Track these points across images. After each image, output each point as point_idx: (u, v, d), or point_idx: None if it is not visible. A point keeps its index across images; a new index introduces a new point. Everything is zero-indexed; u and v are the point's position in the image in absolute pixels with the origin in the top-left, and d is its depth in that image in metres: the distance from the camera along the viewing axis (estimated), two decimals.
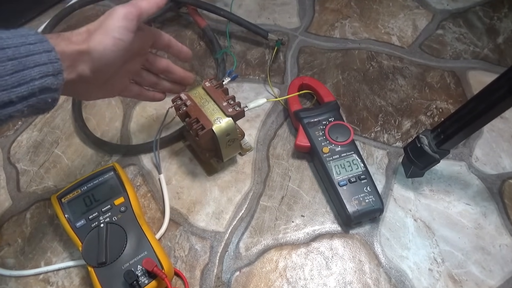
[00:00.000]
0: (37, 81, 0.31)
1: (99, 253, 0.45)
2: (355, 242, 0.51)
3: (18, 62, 0.30)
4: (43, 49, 0.32)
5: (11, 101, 0.30)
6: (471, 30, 0.74)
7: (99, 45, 0.36)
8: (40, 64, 0.31)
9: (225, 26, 0.72)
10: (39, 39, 0.32)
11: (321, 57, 0.70)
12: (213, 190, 0.56)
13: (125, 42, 0.38)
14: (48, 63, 0.32)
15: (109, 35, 0.37)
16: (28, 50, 0.31)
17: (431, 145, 0.49)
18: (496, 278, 0.48)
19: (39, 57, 0.31)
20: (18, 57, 0.30)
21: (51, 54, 0.32)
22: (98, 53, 0.36)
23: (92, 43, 0.36)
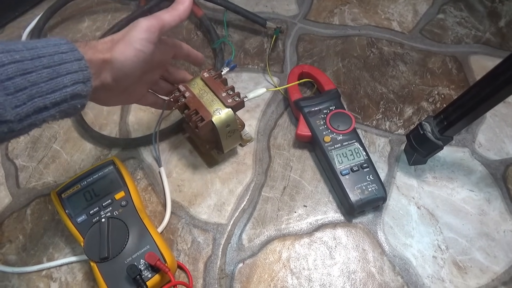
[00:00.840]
0: (69, 88, 0.32)
1: (101, 248, 0.44)
2: (358, 231, 0.51)
3: (53, 70, 0.32)
4: (74, 57, 0.33)
5: (45, 107, 0.31)
6: (473, 14, 0.73)
7: (121, 55, 0.38)
8: (71, 72, 0.33)
9: (222, 15, 0.71)
10: (70, 48, 0.33)
11: (320, 45, 0.69)
12: (214, 182, 0.55)
13: (146, 53, 0.40)
14: (78, 71, 0.33)
15: (131, 46, 0.39)
16: (61, 58, 0.32)
17: (434, 131, 0.49)
18: (500, 264, 0.48)
19: (70, 66, 0.33)
20: (53, 65, 0.32)
21: (81, 63, 0.34)
22: (120, 62, 0.38)
23: (115, 52, 0.38)
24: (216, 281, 0.48)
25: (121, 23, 0.67)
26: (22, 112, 0.30)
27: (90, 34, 0.73)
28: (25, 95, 0.30)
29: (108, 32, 0.66)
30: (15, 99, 0.29)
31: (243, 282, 0.48)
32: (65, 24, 0.74)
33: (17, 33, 0.73)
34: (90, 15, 0.76)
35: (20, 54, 0.30)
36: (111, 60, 0.38)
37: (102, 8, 0.76)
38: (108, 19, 0.75)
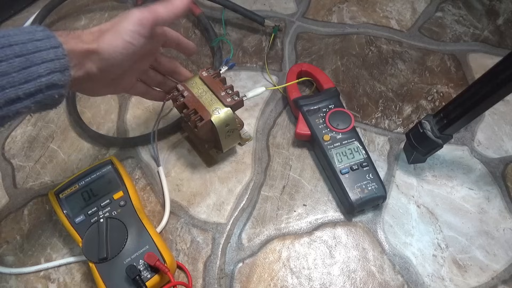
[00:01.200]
0: (44, 78, 0.31)
1: (100, 249, 0.44)
2: (358, 230, 0.51)
3: (26, 59, 0.30)
4: (50, 45, 0.32)
5: (18, 98, 0.30)
6: (471, 11, 0.73)
7: (109, 46, 0.37)
8: (47, 61, 0.31)
9: (220, 13, 0.71)
10: (46, 35, 0.32)
11: (319, 43, 0.69)
12: (213, 182, 0.55)
13: (136, 46, 0.38)
14: (55, 59, 0.31)
15: (120, 37, 0.37)
16: (35, 46, 0.31)
17: (434, 130, 0.49)
18: (500, 262, 0.48)
19: (46, 54, 0.31)
20: (26, 53, 0.30)
21: (58, 50, 0.32)
22: (107, 53, 0.37)
23: (102, 43, 0.36)
24: (215, 281, 0.48)
25: None
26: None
27: None
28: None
29: None
30: None
31: (243, 281, 0.48)
32: (61, 22, 0.74)
33: None
34: (87, 13, 0.75)
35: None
36: (98, 51, 0.36)
37: (98, 7, 0.76)
38: (105, 17, 0.74)
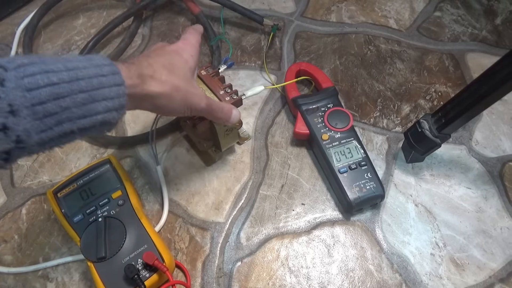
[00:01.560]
0: (100, 115, 0.31)
1: (98, 248, 0.44)
2: (357, 229, 0.51)
3: (88, 95, 0.29)
4: (114, 82, 0.31)
5: (72, 132, 0.30)
6: (469, 11, 0.73)
7: (168, 104, 0.37)
8: (107, 98, 0.31)
9: (219, 12, 0.70)
10: (112, 71, 0.31)
11: (317, 42, 0.69)
12: (212, 181, 0.55)
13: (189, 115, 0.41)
14: (115, 97, 0.31)
15: (182, 104, 0.38)
16: (100, 82, 0.30)
17: (432, 129, 0.49)
18: (498, 261, 0.48)
19: (108, 91, 0.31)
20: (90, 89, 0.30)
21: (120, 89, 0.31)
22: (164, 108, 0.38)
23: (162, 99, 0.36)
24: (214, 280, 0.48)
25: (116, 21, 0.67)
26: (46, 137, 0.28)
27: (85, 31, 0.72)
28: (54, 120, 0.28)
29: (103, 30, 0.66)
30: (42, 124, 0.27)
31: (242, 280, 0.48)
32: (59, 21, 0.73)
33: (10, 30, 0.72)
34: (85, 11, 0.75)
35: (58, 76, 0.28)
36: (154, 98, 0.36)
37: (97, 5, 0.76)
38: (103, 15, 0.74)
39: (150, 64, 0.36)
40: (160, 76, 0.36)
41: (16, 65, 0.27)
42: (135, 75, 0.34)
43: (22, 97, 0.26)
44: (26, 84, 0.26)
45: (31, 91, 0.26)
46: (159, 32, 0.71)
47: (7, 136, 0.26)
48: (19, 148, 0.27)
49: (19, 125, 0.26)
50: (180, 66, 0.39)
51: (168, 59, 0.38)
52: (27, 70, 0.27)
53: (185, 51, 0.41)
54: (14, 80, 0.26)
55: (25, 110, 0.26)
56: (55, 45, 0.70)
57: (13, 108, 0.25)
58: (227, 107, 0.45)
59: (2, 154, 0.26)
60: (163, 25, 0.72)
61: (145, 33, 0.72)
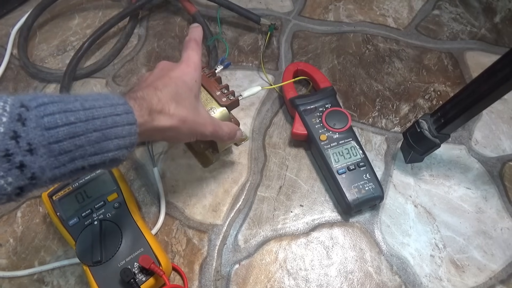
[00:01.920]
0: (111, 153, 0.31)
1: (94, 252, 0.43)
2: (356, 230, 0.51)
3: (102, 134, 0.30)
4: (127, 121, 0.32)
5: (83, 168, 0.30)
6: (468, 9, 0.72)
7: (176, 136, 0.39)
8: (119, 137, 0.32)
9: (216, 11, 0.70)
10: (125, 110, 0.32)
11: (315, 42, 0.68)
12: (209, 182, 0.55)
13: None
14: (126, 136, 0.32)
15: (188, 135, 0.41)
16: (114, 121, 0.31)
17: (431, 129, 0.48)
18: (498, 262, 0.48)
19: (121, 130, 0.32)
20: (104, 128, 0.30)
21: (132, 128, 0.32)
22: (172, 138, 0.41)
23: (170, 131, 0.38)
24: (212, 283, 0.47)
25: (112, 21, 0.66)
26: (59, 173, 0.29)
27: (80, 31, 0.71)
28: (68, 157, 0.29)
29: (99, 30, 0.65)
30: (57, 161, 0.28)
31: (239, 283, 0.47)
32: (54, 21, 0.73)
33: (5, 30, 0.71)
34: (81, 12, 0.74)
35: (75, 116, 0.29)
36: (164, 130, 0.37)
37: (92, 5, 0.75)
38: (99, 16, 0.73)
39: (160, 99, 0.36)
40: (168, 111, 0.37)
41: (37, 104, 0.28)
42: (146, 113, 0.35)
43: (41, 136, 0.27)
44: (45, 123, 0.27)
45: (50, 130, 0.28)
46: (155, 32, 0.71)
47: (23, 174, 0.26)
48: (32, 184, 0.27)
49: (35, 163, 0.27)
50: (186, 96, 0.40)
51: (175, 89, 0.39)
52: (47, 110, 0.28)
53: (189, 76, 0.41)
54: (34, 119, 0.27)
55: (42, 149, 0.27)
56: (51, 46, 0.70)
57: (32, 147, 0.26)
58: (231, 127, 0.46)
59: (16, 190, 0.27)
60: (159, 25, 0.72)
61: (141, 33, 0.71)
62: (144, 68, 0.66)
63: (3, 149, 0.25)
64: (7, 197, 0.27)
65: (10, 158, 0.25)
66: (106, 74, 0.66)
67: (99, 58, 0.66)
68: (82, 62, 0.65)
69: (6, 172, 0.25)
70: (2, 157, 0.25)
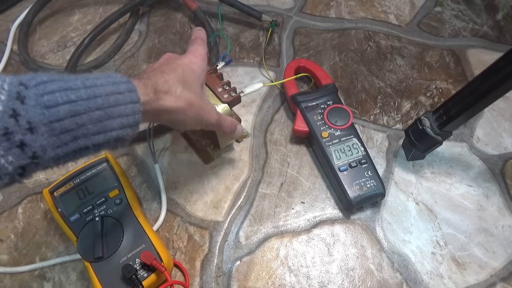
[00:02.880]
0: (115, 132, 0.31)
1: (95, 248, 0.43)
2: (357, 227, 0.51)
3: (104, 113, 0.30)
4: (130, 100, 0.31)
5: (86, 147, 0.30)
6: (470, 6, 0.72)
7: (183, 119, 0.38)
8: (123, 115, 0.31)
9: (217, 7, 0.69)
10: (129, 88, 0.32)
11: (317, 38, 0.68)
12: (210, 179, 0.55)
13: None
14: (130, 114, 0.31)
15: (194, 120, 0.39)
16: (116, 99, 0.30)
17: (433, 127, 0.48)
18: (499, 259, 0.48)
19: (124, 108, 0.31)
20: (106, 106, 0.30)
21: (135, 106, 0.32)
22: (178, 123, 0.38)
23: (177, 114, 0.37)
24: (213, 280, 0.47)
25: (113, 17, 0.66)
26: (61, 153, 0.28)
27: (81, 27, 0.71)
28: (70, 136, 0.28)
29: (99, 26, 0.65)
30: (58, 140, 0.28)
31: (241, 280, 0.47)
32: (55, 17, 0.72)
33: (5, 26, 0.71)
34: (81, 7, 0.74)
35: (76, 94, 0.28)
36: (170, 113, 0.36)
37: (93, 1, 0.75)
38: (99, 12, 0.73)
39: (166, 80, 0.36)
40: (175, 92, 0.36)
41: (37, 82, 0.27)
42: (151, 92, 0.34)
43: (41, 114, 0.26)
44: (45, 102, 0.27)
45: (50, 109, 0.27)
46: (156, 28, 0.70)
47: (24, 153, 0.26)
48: (34, 164, 0.27)
49: (36, 141, 0.26)
50: (193, 82, 0.39)
51: (182, 74, 0.38)
52: (47, 88, 0.27)
53: (196, 65, 0.41)
54: (34, 97, 0.26)
55: (43, 127, 0.27)
56: (51, 42, 0.69)
57: (32, 125, 0.26)
58: (233, 122, 0.46)
59: (18, 169, 0.26)
60: (160, 21, 0.71)
61: (142, 29, 0.71)
62: (145, 64, 0.66)
63: (2, 127, 0.25)
64: (10, 177, 0.26)
65: (9, 136, 0.25)
66: (106, 70, 0.65)
67: (99, 54, 0.66)
68: (82, 58, 0.65)
69: (6, 151, 0.25)
70: (1, 136, 0.25)
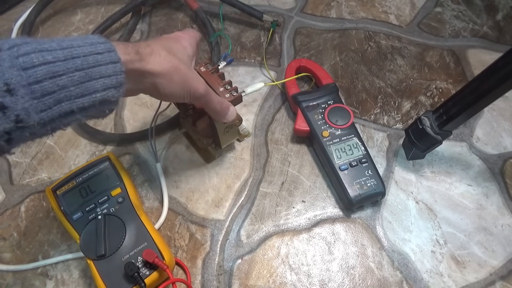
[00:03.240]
0: (99, 93, 0.30)
1: (98, 246, 0.44)
2: (357, 226, 0.51)
3: (85, 74, 0.29)
4: (110, 59, 0.31)
5: (72, 111, 0.30)
6: (470, 7, 0.72)
7: (168, 85, 0.37)
8: (104, 76, 0.30)
9: (218, 7, 0.70)
10: (107, 49, 0.31)
11: (317, 38, 0.69)
12: (212, 178, 0.55)
13: (185, 101, 0.41)
14: (112, 75, 0.31)
15: (179, 86, 0.38)
16: (96, 60, 0.30)
17: (433, 126, 0.49)
18: (498, 258, 0.48)
19: (105, 69, 0.30)
20: (86, 67, 0.30)
21: (116, 66, 0.31)
22: (163, 87, 0.37)
23: (162, 78, 0.36)
24: (214, 278, 0.48)
25: (114, 17, 0.66)
26: (47, 117, 0.28)
27: (83, 27, 0.71)
28: (52, 99, 0.28)
29: (101, 26, 0.65)
30: (41, 103, 0.27)
31: (242, 278, 0.48)
32: (57, 16, 0.73)
33: (7, 26, 0.71)
34: (83, 7, 0.74)
35: (53, 55, 0.28)
36: (154, 75, 0.35)
37: (95, 1, 0.75)
38: (101, 11, 0.73)
39: (148, 44, 0.36)
40: (159, 55, 0.36)
41: (10, 46, 0.27)
42: (132, 52, 0.33)
43: (18, 76, 0.26)
44: (21, 63, 0.26)
45: (27, 70, 0.27)
46: (158, 28, 0.71)
47: (6, 116, 0.26)
48: (20, 128, 0.27)
49: (17, 104, 0.26)
50: (179, 51, 0.39)
51: (167, 43, 0.38)
52: (21, 50, 0.27)
53: (184, 39, 0.41)
54: (8, 59, 0.26)
55: (22, 89, 0.26)
56: None
57: (10, 87, 0.26)
58: (226, 102, 0.45)
59: (4, 135, 0.26)
60: (162, 21, 0.72)
61: (143, 29, 0.71)
62: None
63: None
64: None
65: None
66: None
67: None
68: None
69: None
70: None
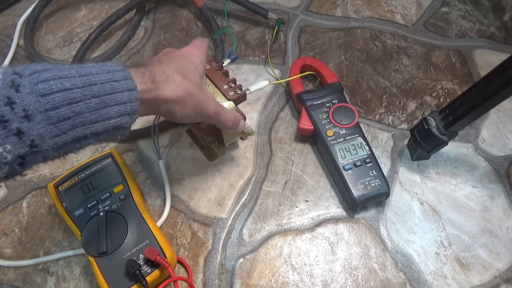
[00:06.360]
0: (113, 120, 0.31)
1: (100, 243, 0.43)
2: (361, 226, 0.51)
3: (101, 100, 0.30)
4: (126, 87, 0.32)
5: (85, 136, 0.30)
6: (477, 7, 0.72)
7: (181, 110, 0.38)
8: (120, 103, 0.31)
9: (223, 5, 0.69)
10: (124, 76, 0.32)
11: (322, 37, 0.68)
12: (215, 176, 0.55)
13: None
14: (127, 102, 0.32)
15: (192, 110, 0.39)
16: (112, 87, 0.31)
17: (439, 127, 0.48)
18: (503, 261, 0.48)
19: (120, 96, 0.31)
20: (102, 94, 0.30)
21: (132, 94, 0.32)
22: (177, 114, 0.38)
23: (175, 104, 0.37)
24: (216, 276, 0.47)
25: (119, 13, 0.66)
26: (60, 142, 0.29)
27: (87, 23, 0.71)
28: (67, 125, 0.28)
29: (105, 22, 0.65)
30: (56, 128, 0.28)
31: (244, 277, 0.47)
32: (61, 12, 0.73)
33: (11, 21, 0.71)
34: (87, 3, 0.74)
35: (71, 82, 0.29)
36: (168, 102, 0.36)
37: None
38: (105, 8, 0.73)
39: (164, 70, 0.36)
40: (173, 81, 0.36)
41: (31, 72, 0.27)
42: (149, 80, 0.34)
43: (36, 102, 0.27)
44: (40, 90, 0.27)
45: (45, 96, 0.27)
46: (162, 24, 0.70)
47: (22, 141, 0.26)
48: (34, 153, 0.27)
49: (33, 129, 0.27)
50: (192, 73, 0.40)
51: (180, 64, 0.39)
52: (41, 76, 0.28)
53: (195, 57, 0.42)
54: (28, 85, 0.27)
55: (39, 115, 0.27)
56: (57, 37, 0.69)
57: (28, 113, 0.26)
58: (237, 116, 0.46)
59: (17, 159, 0.27)
60: (166, 18, 0.71)
61: (147, 25, 0.71)
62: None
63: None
64: (9, 167, 0.26)
65: (6, 124, 0.25)
66: None
67: (105, 50, 0.66)
68: (88, 53, 0.65)
69: (4, 139, 0.25)
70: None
